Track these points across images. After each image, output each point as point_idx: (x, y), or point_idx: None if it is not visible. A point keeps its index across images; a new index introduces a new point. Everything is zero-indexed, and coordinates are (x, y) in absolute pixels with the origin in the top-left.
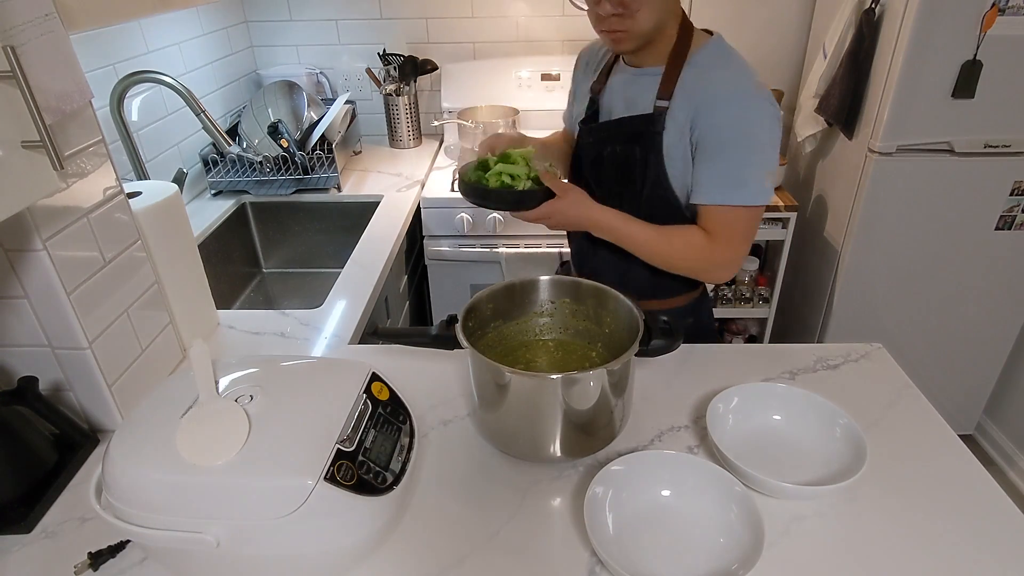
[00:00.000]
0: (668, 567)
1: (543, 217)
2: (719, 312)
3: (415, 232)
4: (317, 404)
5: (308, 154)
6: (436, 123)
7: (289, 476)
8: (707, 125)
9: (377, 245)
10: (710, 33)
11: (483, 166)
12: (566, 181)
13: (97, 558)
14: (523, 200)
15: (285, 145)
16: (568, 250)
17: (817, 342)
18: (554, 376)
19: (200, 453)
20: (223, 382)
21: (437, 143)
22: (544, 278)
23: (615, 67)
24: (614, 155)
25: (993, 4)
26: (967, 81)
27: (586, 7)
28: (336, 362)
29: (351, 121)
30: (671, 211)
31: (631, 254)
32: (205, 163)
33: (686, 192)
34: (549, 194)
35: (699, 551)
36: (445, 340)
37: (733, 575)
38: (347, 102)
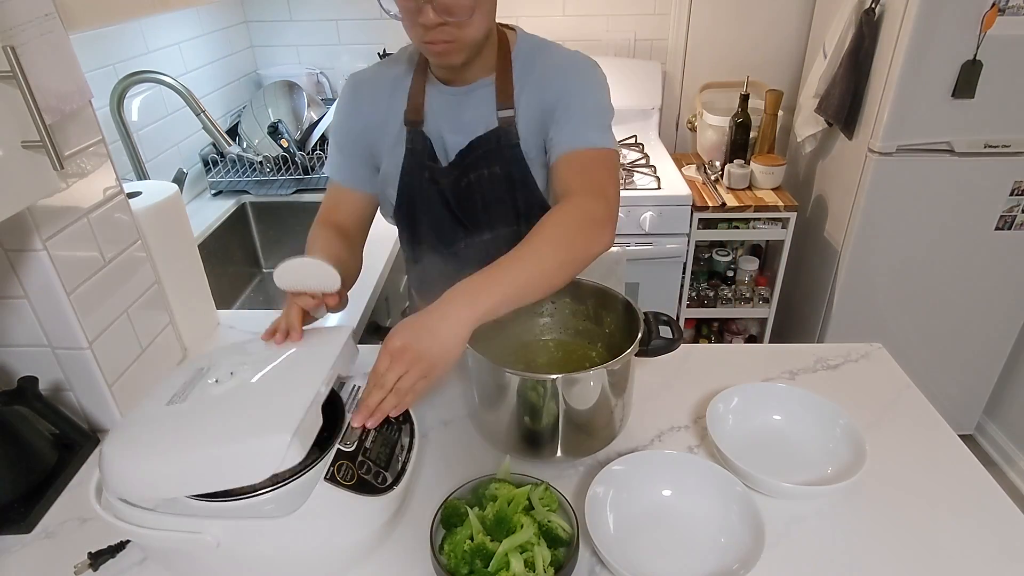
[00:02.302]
0: (668, 567)
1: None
2: (719, 312)
3: None
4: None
5: (308, 154)
6: None
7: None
8: (557, 95)
9: (377, 245)
10: (510, 28)
11: (480, 555)
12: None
13: (97, 558)
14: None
15: (285, 145)
16: None
17: (817, 342)
18: (554, 376)
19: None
20: (223, 381)
21: None
22: None
23: (426, 90)
24: (478, 185)
25: (993, 4)
26: (967, 81)
27: (400, 17)
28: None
29: None
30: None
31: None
32: (205, 163)
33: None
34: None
35: (699, 551)
36: None
37: (734, 575)
38: None
